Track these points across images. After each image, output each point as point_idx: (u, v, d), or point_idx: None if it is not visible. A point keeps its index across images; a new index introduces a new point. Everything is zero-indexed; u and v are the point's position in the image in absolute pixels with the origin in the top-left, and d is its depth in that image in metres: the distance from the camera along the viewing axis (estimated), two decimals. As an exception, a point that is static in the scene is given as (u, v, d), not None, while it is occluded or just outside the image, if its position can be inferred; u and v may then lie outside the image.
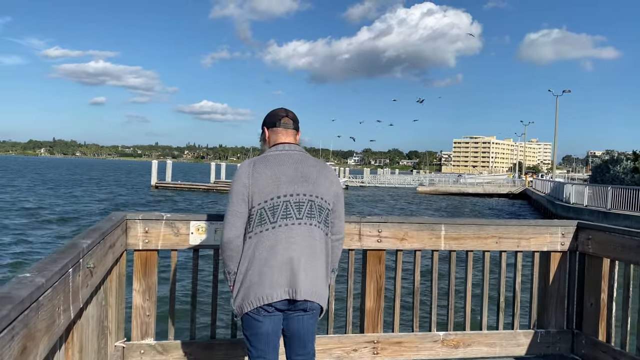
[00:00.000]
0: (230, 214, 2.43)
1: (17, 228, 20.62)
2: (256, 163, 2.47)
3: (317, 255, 2.42)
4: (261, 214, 2.38)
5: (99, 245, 2.27)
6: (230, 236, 2.41)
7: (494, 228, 3.64)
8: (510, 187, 57.81)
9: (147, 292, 3.20)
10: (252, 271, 2.38)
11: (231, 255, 2.43)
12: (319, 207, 2.46)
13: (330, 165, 2.80)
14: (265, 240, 2.37)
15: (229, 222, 2.42)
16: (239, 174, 2.45)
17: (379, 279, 3.49)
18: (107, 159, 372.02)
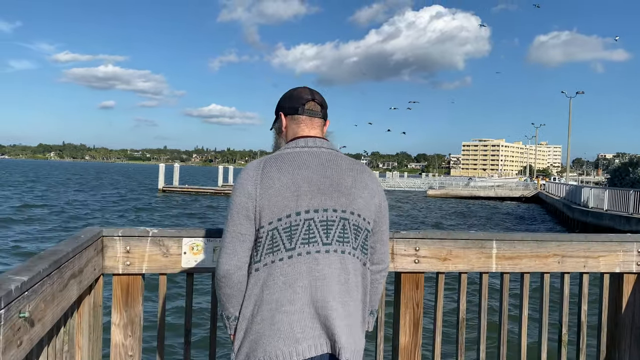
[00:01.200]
0: (228, 236, 1.77)
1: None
2: (267, 165, 1.78)
3: (352, 294, 1.76)
4: (273, 238, 1.72)
5: (47, 279, 1.63)
6: (229, 268, 1.75)
7: (556, 244, 2.96)
8: (522, 191, 56.77)
9: (129, 327, 2.56)
10: (260, 317, 1.72)
11: (230, 294, 1.77)
12: (355, 228, 1.79)
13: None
14: (278, 274, 1.71)
15: (227, 248, 1.76)
16: (242, 181, 1.78)
17: (415, 308, 2.83)
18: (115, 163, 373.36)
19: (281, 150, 1.84)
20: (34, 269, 1.55)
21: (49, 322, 1.67)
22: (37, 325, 1.54)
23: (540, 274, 2.99)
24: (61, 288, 1.80)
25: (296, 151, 1.81)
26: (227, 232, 1.77)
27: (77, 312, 2.26)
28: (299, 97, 1.91)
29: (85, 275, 2.18)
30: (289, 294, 1.69)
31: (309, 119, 1.91)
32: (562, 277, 3.02)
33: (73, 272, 1.97)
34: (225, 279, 1.76)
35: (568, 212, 28.59)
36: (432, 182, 74.28)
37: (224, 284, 1.77)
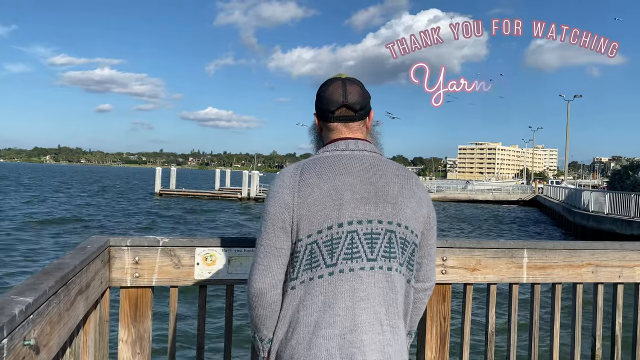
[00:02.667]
0: (262, 250, 1.59)
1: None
2: (305, 170, 1.58)
3: (399, 316, 1.59)
4: (312, 252, 1.54)
5: (53, 298, 1.45)
6: (262, 286, 1.57)
7: (590, 253, 2.79)
8: (520, 194, 56.74)
9: (137, 344, 2.38)
10: (295, 341, 1.54)
11: (263, 315, 1.60)
12: (402, 242, 1.60)
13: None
14: (317, 293, 1.53)
15: (261, 264, 1.58)
16: (277, 188, 1.59)
17: (442, 321, 2.65)
18: (111, 166, 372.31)
19: (319, 154, 1.65)
20: (40, 288, 1.36)
21: (55, 346, 1.49)
22: (42, 352, 1.35)
23: (572, 284, 2.82)
24: (68, 307, 1.62)
25: (336, 155, 1.62)
26: (261, 246, 1.59)
27: (82, 330, 2.08)
28: (330, 101, 1.68)
29: (93, 289, 2.00)
30: (328, 316, 1.51)
31: (342, 125, 1.70)
32: (595, 288, 2.85)
33: (80, 287, 1.79)
34: (258, 299, 1.58)
35: (568, 216, 28.48)
36: (429, 185, 74.24)
37: (257, 304, 1.59)
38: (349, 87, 1.69)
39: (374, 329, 1.52)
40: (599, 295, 2.84)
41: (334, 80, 1.72)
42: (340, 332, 1.50)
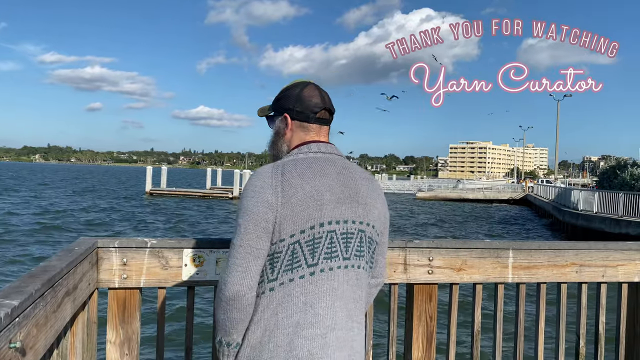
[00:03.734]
0: (241, 251, 1.55)
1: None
2: (286, 171, 1.59)
3: (362, 312, 1.70)
4: (294, 252, 1.54)
5: (40, 300, 1.46)
6: (240, 288, 1.54)
7: (574, 253, 2.84)
8: (510, 193, 57.06)
9: (125, 345, 2.38)
10: (273, 344, 1.52)
11: (238, 319, 1.57)
12: (369, 241, 1.68)
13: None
14: (298, 294, 1.53)
15: (239, 266, 1.54)
16: (258, 188, 1.57)
17: (429, 321, 2.68)
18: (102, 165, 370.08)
19: (294, 155, 1.67)
20: (26, 291, 1.37)
21: (41, 348, 1.50)
22: (29, 354, 1.37)
23: (557, 284, 2.86)
24: (55, 309, 1.63)
25: (311, 157, 1.65)
26: (240, 247, 1.56)
27: (70, 331, 2.08)
28: (311, 104, 1.72)
29: (80, 291, 2.01)
30: (310, 316, 1.53)
31: (318, 127, 1.75)
32: (579, 287, 2.89)
33: (67, 289, 1.79)
34: (235, 302, 1.54)
35: (558, 214, 28.71)
36: (420, 184, 74.45)
37: (232, 307, 1.55)
38: (323, 91, 1.77)
39: (347, 325, 1.58)
40: (583, 294, 2.88)
41: (306, 84, 1.77)
42: (322, 332, 1.52)
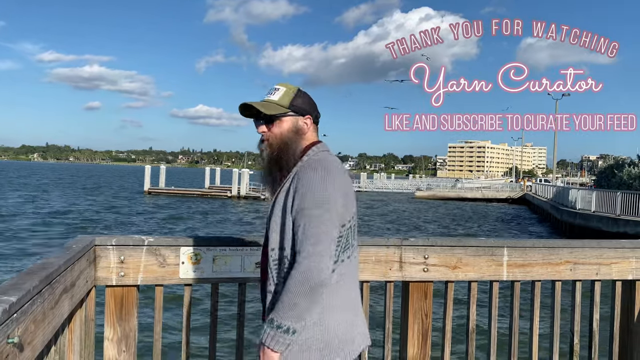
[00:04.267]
0: (327, 239, 1.69)
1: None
2: (343, 166, 1.88)
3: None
4: (347, 237, 1.81)
5: (37, 297, 1.48)
6: (328, 274, 1.68)
7: (568, 251, 2.86)
8: (509, 192, 57.11)
9: (123, 341, 2.41)
10: (334, 319, 1.75)
11: (318, 303, 1.70)
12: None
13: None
14: (353, 270, 1.85)
15: (327, 252, 1.68)
16: (341, 181, 1.77)
17: (424, 318, 2.71)
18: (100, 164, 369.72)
19: (325, 154, 1.86)
20: (24, 287, 1.39)
21: (39, 344, 1.52)
22: (26, 350, 1.39)
23: (551, 281, 2.89)
24: (52, 305, 1.65)
25: (333, 155, 1.90)
26: (326, 235, 1.69)
27: (68, 328, 2.10)
28: (316, 106, 1.97)
29: (78, 288, 2.03)
30: (355, 294, 1.87)
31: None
32: (573, 285, 2.91)
33: (65, 286, 1.81)
34: (322, 287, 1.67)
35: (556, 213, 28.75)
36: (419, 183, 74.52)
37: (319, 292, 1.67)
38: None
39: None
40: (577, 292, 2.90)
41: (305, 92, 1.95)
42: (361, 310, 1.90)
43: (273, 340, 1.67)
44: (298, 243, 1.70)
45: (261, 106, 1.85)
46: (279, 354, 1.68)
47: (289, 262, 1.75)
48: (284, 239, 1.76)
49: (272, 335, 1.67)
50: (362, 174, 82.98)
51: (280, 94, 1.88)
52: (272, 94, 1.89)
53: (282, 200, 1.79)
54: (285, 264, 1.75)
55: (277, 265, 1.78)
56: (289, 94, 1.88)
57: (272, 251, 1.79)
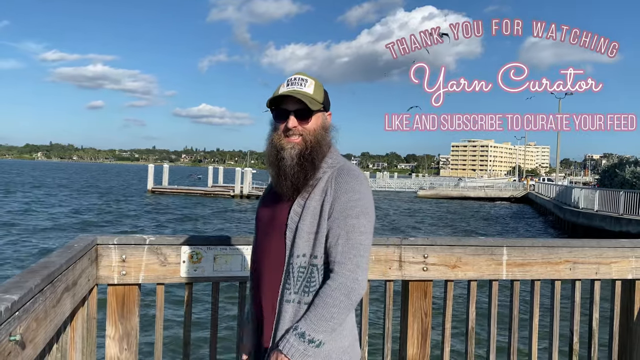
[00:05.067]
0: (366, 251, 1.69)
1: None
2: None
3: None
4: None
5: (39, 295, 1.50)
6: (364, 287, 1.68)
7: (568, 251, 2.87)
8: (512, 191, 57.03)
9: (125, 340, 2.43)
10: (350, 325, 1.77)
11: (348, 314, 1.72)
12: None
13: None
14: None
15: (366, 265, 1.69)
16: (369, 190, 1.76)
17: (424, 317, 2.72)
18: (104, 163, 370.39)
19: (347, 161, 1.83)
20: (25, 286, 1.41)
21: (41, 341, 1.54)
22: (28, 347, 1.40)
23: (550, 281, 2.90)
24: (54, 304, 1.67)
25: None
26: (366, 247, 1.69)
27: (70, 326, 2.12)
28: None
29: (79, 287, 2.05)
30: None
31: None
32: (573, 284, 2.92)
33: (67, 285, 1.83)
34: (359, 298, 1.68)
35: (559, 212, 28.70)
36: (422, 182, 74.43)
37: (355, 304, 1.68)
38: None
39: None
40: (577, 291, 2.91)
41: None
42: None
43: (303, 355, 1.61)
44: (338, 253, 1.65)
45: (309, 102, 1.73)
46: None
47: (322, 271, 1.68)
48: (316, 246, 1.68)
49: (301, 351, 1.60)
50: (365, 173, 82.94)
51: (313, 87, 1.78)
52: (304, 85, 1.77)
53: (315, 205, 1.70)
54: (315, 272, 1.68)
55: (304, 273, 1.68)
56: (320, 89, 1.80)
57: (298, 258, 1.68)
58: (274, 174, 1.75)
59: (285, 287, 1.69)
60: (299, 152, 1.72)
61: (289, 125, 1.73)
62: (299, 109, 1.73)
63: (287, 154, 1.71)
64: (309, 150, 1.72)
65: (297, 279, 1.67)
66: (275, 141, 1.75)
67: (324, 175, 1.73)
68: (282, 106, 1.75)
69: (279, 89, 1.79)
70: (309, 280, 1.67)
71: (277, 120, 1.78)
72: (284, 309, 1.68)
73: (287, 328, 1.66)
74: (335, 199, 1.68)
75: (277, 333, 1.68)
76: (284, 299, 1.69)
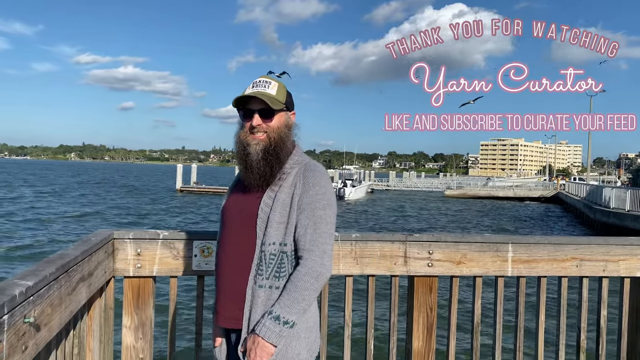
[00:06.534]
0: (332, 239, 1.88)
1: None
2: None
3: None
4: None
5: (54, 283, 1.62)
6: (330, 271, 1.86)
7: (574, 248, 2.89)
8: (542, 191, 55.98)
9: (140, 329, 2.56)
10: (315, 304, 1.95)
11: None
12: None
13: (354, 168, 2.22)
14: None
15: (331, 252, 1.87)
16: (333, 191, 1.92)
17: (429, 312, 2.78)
18: (134, 163, 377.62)
19: (308, 157, 1.98)
20: (40, 274, 1.54)
21: (56, 326, 1.66)
22: (43, 330, 1.53)
23: (557, 277, 2.92)
24: (69, 292, 1.80)
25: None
26: (332, 235, 1.87)
27: (87, 315, 2.26)
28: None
29: (95, 278, 2.18)
30: None
31: None
32: (580, 281, 2.94)
33: (82, 275, 1.96)
34: (325, 280, 1.84)
35: (589, 212, 28.10)
36: (449, 182, 73.69)
37: (321, 288, 1.83)
38: None
39: None
40: (584, 288, 2.92)
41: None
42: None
43: (278, 336, 1.76)
44: (307, 241, 1.81)
45: (270, 102, 1.88)
46: (272, 345, 1.77)
47: (291, 257, 1.84)
48: (286, 235, 1.83)
49: (277, 332, 1.76)
50: (391, 173, 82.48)
51: (276, 89, 1.94)
52: (267, 87, 1.93)
53: (285, 197, 1.84)
54: (285, 259, 1.83)
55: (274, 260, 1.82)
56: (283, 90, 1.97)
57: (270, 246, 1.82)
58: (242, 168, 1.91)
59: (258, 273, 1.83)
60: (264, 147, 1.88)
61: (253, 123, 1.90)
62: (262, 109, 1.90)
63: (253, 150, 1.88)
64: (272, 146, 1.88)
65: (268, 265, 1.82)
66: (242, 138, 1.92)
67: (292, 170, 1.89)
68: (248, 106, 1.91)
69: (245, 91, 1.94)
70: (279, 266, 1.82)
71: (243, 119, 1.94)
72: (257, 294, 1.82)
73: (261, 312, 1.80)
74: (303, 193, 1.83)
75: (252, 317, 1.81)
76: (257, 284, 1.82)
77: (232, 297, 1.87)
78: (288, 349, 1.81)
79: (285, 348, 1.80)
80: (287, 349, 1.81)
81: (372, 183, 66.58)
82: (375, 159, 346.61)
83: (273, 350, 1.77)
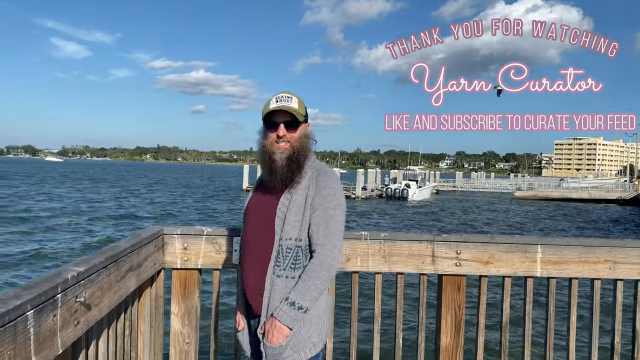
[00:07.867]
0: (342, 236, 2.09)
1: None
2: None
3: None
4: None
5: (103, 270, 1.90)
6: (338, 265, 2.10)
7: (607, 250, 2.89)
8: (620, 193, 52.94)
9: (186, 317, 2.83)
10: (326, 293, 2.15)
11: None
12: None
13: (419, 169, 2.40)
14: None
15: (341, 247, 2.09)
16: (343, 193, 2.15)
17: (457, 310, 2.88)
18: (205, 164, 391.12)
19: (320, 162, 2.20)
20: (91, 262, 1.81)
21: (106, 307, 1.94)
22: (94, 310, 1.80)
23: (589, 280, 2.92)
24: (118, 279, 2.07)
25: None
26: (341, 232, 2.08)
27: (139, 302, 2.56)
28: None
29: (145, 268, 2.46)
30: None
31: None
32: (614, 284, 2.93)
33: (131, 265, 2.24)
34: (335, 272, 2.07)
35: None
36: (520, 183, 71.14)
37: (331, 278, 2.06)
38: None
39: None
40: (618, 291, 2.91)
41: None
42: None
43: (294, 320, 2.00)
44: (319, 237, 2.03)
45: (297, 114, 2.13)
46: (288, 328, 2.00)
47: (305, 251, 2.06)
48: (301, 232, 2.05)
49: (292, 316, 1.99)
50: (458, 173, 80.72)
51: (297, 102, 2.16)
52: (290, 102, 2.14)
53: (300, 198, 2.06)
54: (300, 253, 2.05)
55: (291, 253, 2.05)
56: (302, 104, 2.19)
57: (286, 241, 2.05)
58: (267, 173, 2.13)
59: (276, 264, 2.05)
60: (288, 156, 2.09)
61: (279, 133, 2.11)
62: (288, 121, 2.11)
63: (278, 157, 2.09)
64: (295, 154, 2.09)
65: (285, 258, 2.04)
66: (267, 147, 2.13)
67: (306, 174, 2.10)
68: (273, 118, 2.12)
69: (269, 104, 2.15)
70: (295, 259, 2.04)
71: (268, 129, 2.15)
72: (275, 283, 2.04)
73: (279, 299, 2.01)
74: (315, 194, 2.04)
75: (271, 303, 2.03)
76: (275, 275, 2.05)
77: (254, 287, 2.10)
78: (301, 331, 2.02)
79: (299, 331, 2.01)
80: (300, 332, 2.02)
81: (437, 184, 65.48)
82: (442, 159, 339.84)
83: (288, 332, 1.99)
